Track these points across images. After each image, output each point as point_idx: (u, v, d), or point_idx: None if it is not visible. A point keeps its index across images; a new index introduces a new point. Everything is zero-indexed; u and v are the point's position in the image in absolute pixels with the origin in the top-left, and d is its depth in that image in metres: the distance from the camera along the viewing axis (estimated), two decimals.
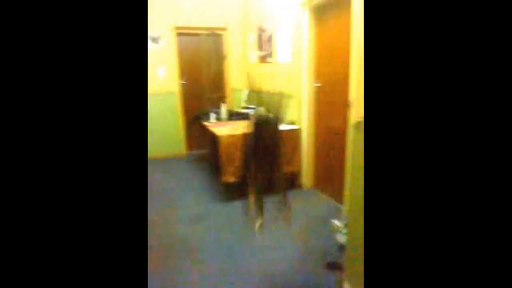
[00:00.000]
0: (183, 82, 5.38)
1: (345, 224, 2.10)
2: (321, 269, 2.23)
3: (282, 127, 3.60)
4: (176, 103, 5.28)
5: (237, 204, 3.34)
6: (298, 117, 3.63)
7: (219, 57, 5.56)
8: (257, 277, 2.18)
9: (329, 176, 3.45)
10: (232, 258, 2.39)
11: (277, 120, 2.10)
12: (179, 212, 3.21)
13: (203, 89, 5.59)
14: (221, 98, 5.62)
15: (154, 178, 4.31)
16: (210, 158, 4.82)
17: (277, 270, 2.23)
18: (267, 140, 1.88)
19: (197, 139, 5.52)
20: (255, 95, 5.03)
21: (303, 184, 3.79)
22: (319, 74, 3.41)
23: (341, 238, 2.24)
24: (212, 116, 4.24)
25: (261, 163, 1.76)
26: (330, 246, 2.43)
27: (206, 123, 4.15)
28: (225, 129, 3.62)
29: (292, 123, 3.69)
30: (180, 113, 5.37)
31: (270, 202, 3.26)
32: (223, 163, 3.33)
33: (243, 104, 5.15)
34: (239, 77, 5.64)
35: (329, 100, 3.28)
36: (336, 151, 3.23)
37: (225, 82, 5.69)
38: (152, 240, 2.67)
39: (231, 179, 3.39)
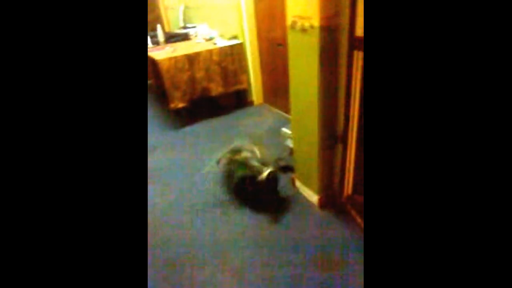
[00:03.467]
0: None
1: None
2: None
3: (224, 43, 3.43)
4: None
5: (189, 130, 3.35)
6: (241, 31, 3.44)
7: None
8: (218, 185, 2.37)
9: (277, 89, 3.50)
10: (189, 178, 2.52)
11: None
12: None
13: None
14: (155, 20, 5.05)
15: None
16: (156, 88, 4.57)
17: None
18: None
19: None
20: (193, 11, 4.58)
21: (253, 100, 3.82)
22: None
23: (291, 144, 2.41)
24: (149, 40, 3.86)
25: None
26: (282, 152, 2.62)
27: None
28: (164, 52, 3.37)
29: (234, 37, 3.51)
30: None
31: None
32: (168, 89, 3.19)
33: (181, 24, 4.71)
34: None
35: (268, 8, 3.11)
36: (280, 63, 3.22)
37: (156, 0, 5.06)
38: None
39: (180, 104, 3.30)
